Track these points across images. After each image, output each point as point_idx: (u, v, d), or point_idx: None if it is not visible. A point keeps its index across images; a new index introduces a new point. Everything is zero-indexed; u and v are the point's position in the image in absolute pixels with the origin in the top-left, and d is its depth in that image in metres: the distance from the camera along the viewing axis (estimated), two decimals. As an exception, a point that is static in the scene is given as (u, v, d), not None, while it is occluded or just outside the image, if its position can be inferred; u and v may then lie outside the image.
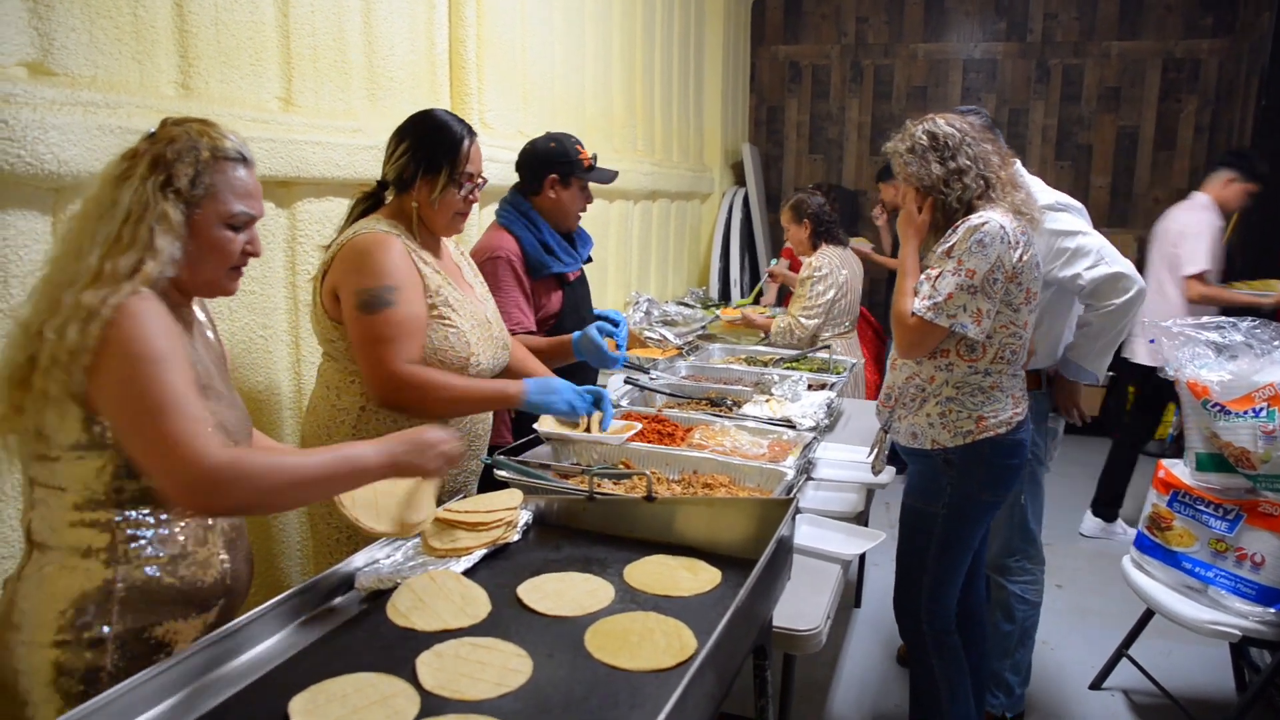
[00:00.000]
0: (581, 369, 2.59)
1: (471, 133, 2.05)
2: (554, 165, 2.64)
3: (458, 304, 2.04)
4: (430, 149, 1.99)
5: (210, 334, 1.59)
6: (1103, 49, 6.49)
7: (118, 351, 1.27)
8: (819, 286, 4.05)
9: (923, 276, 2.22)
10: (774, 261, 5.40)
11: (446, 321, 2.00)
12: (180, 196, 1.36)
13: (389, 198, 2.08)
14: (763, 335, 4.32)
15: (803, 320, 4.04)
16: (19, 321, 1.33)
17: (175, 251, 1.35)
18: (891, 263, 5.00)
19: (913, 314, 2.19)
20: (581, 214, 2.74)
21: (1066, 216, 2.62)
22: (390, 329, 1.89)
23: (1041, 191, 2.62)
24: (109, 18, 1.82)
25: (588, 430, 2.24)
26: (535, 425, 2.30)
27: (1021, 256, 2.17)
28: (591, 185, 2.75)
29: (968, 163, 2.21)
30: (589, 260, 2.94)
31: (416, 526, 1.60)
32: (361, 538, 1.98)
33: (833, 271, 4.07)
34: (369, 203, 2.09)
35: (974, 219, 2.16)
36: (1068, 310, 2.72)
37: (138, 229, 1.32)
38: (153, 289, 1.33)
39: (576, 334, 2.52)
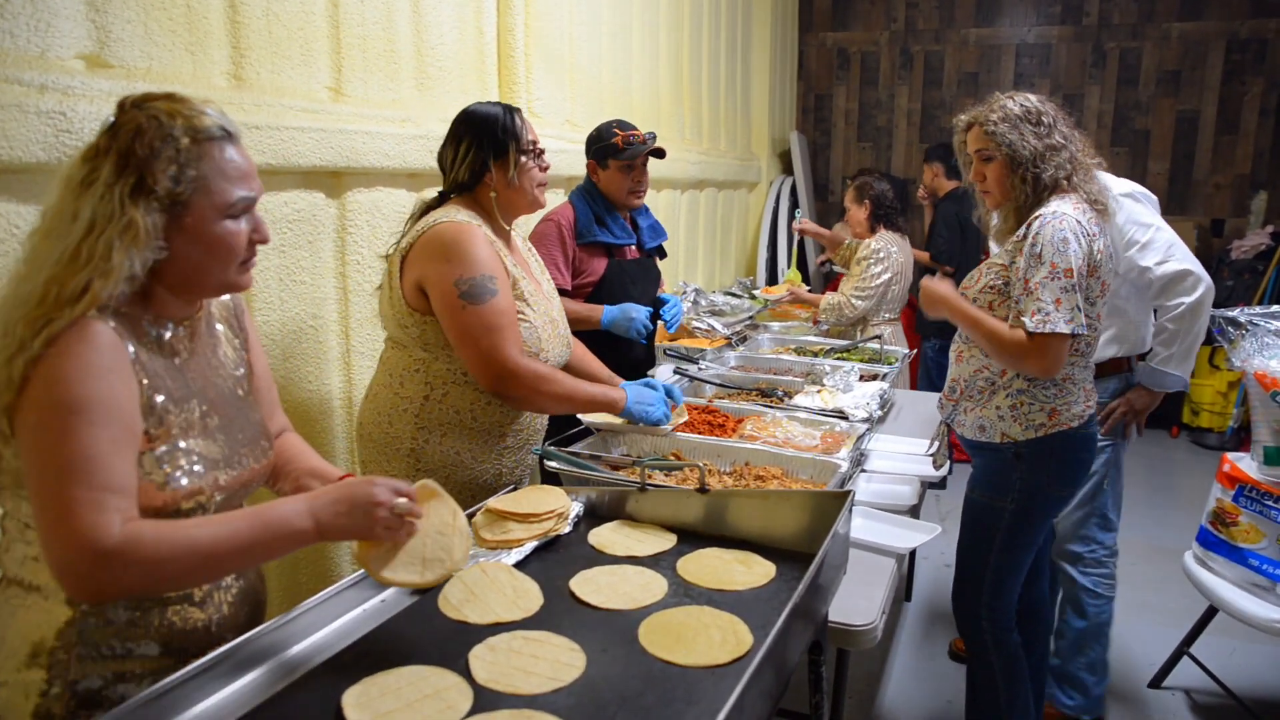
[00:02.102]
0: (607, 339, 2.68)
1: (513, 108, 2.07)
2: (589, 151, 2.83)
3: (531, 298, 2.05)
4: (491, 135, 2.01)
5: (227, 348, 1.41)
6: (1162, 31, 6.30)
7: (37, 394, 1.10)
8: (876, 268, 4.04)
9: (1024, 292, 2.07)
10: (798, 215, 5.31)
11: (522, 315, 2.00)
12: (159, 200, 1.16)
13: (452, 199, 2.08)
14: (811, 313, 4.29)
15: (854, 300, 4.03)
16: None
17: (134, 266, 1.15)
18: (919, 254, 4.93)
19: (1037, 333, 2.04)
20: (634, 192, 2.83)
21: (1140, 207, 2.59)
22: (499, 318, 1.90)
23: (1114, 181, 2.56)
24: (163, 9, 1.83)
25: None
26: (582, 416, 2.29)
27: (1099, 248, 2.10)
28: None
29: (1062, 141, 2.13)
30: (661, 254, 3.06)
31: (442, 575, 1.35)
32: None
33: (890, 255, 4.07)
34: (432, 208, 2.08)
35: (1046, 215, 2.07)
36: (1149, 298, 2.68)
37: (96, 244, 1.13)
38: (102, 312, 1.15)
39: (611, 307, 2.66)
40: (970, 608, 2.33)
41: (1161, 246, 2.54)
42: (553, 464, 2.00)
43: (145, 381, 1.20)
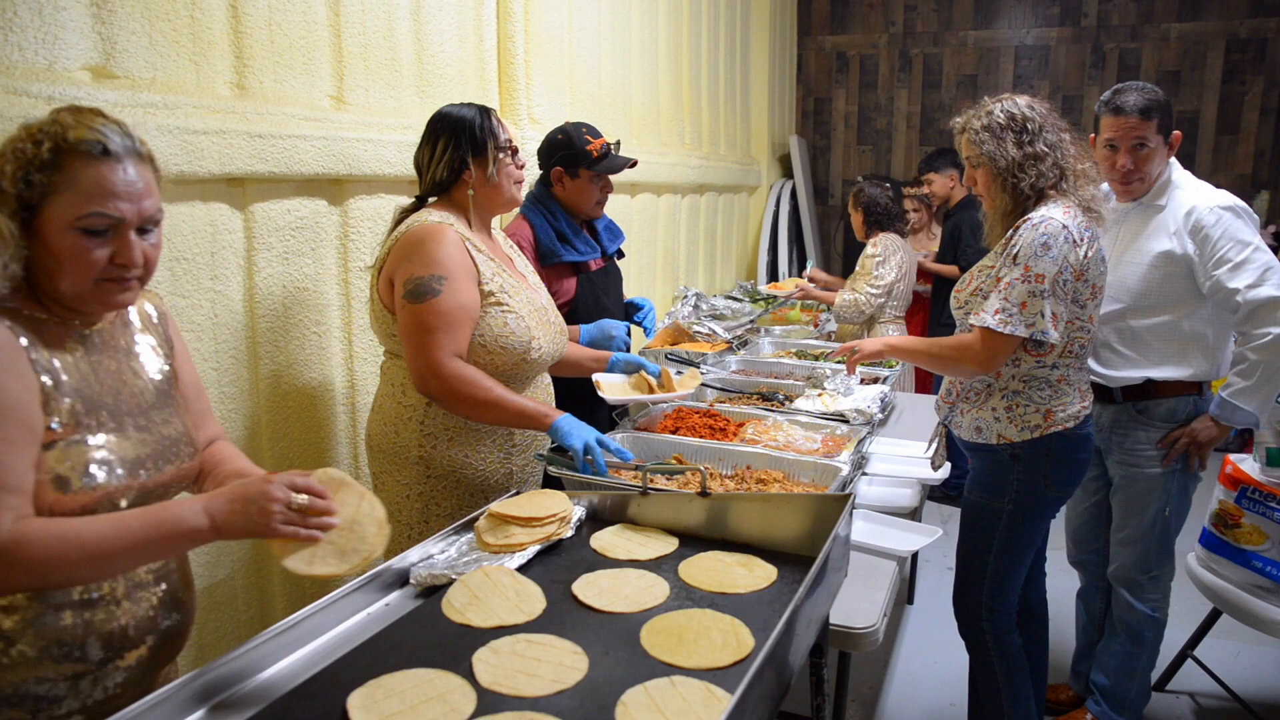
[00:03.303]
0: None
1: (487, 108, 2.08)
2: (557, 157, 2.62)
3: (514, 290, 2.06)
4: (469, 134, 2.02)
5: (149, 354, 1.40)
6: (1161, 31, 6.31)
7: None
8: (883, 268, 4.21)
9: (994, 289, 2.12)
10: (810, 264, 5.36)
11: (505, 307, 2.01)
12: (6, 199, 1.18)
13: (432, 203, 2.09)
14: (812, 316, 4.35)
15: (870, 296, 4.17)
16: None
17: (11, 266, 1.18)
18: (945, 269, 4.85)
19: (984, 327, 2.09)
20: (600, 204, 2.70)
21: (1239, 223, 2.38)
22: (435, 318, 1.89)
23: (1211, 193, 2.45)
24: (167, 20, 1.84)
25: (652, 391, 2.27)
26: (603, 394, 2.27)
27: (1086, 253, 2.11)
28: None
29: (1045, 149, 2.14)
30: (620, 255, 2.94)
31: (360, 564, 1.31)
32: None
33: (893, 255, 4.24)
34: (409, 214, 2.09)
35: (1034, 218, 2.09)
36: (1233, 323, 2.46)
37: None
38: None
39: (588, 326, 2.54)
40: (971, 609, 2.34)
41: (1256, 268, 2.31)
42: (554, 469, 2.01)
43: (46, 379, 1.20)
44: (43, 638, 1.21)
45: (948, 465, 2.50)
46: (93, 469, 1.22)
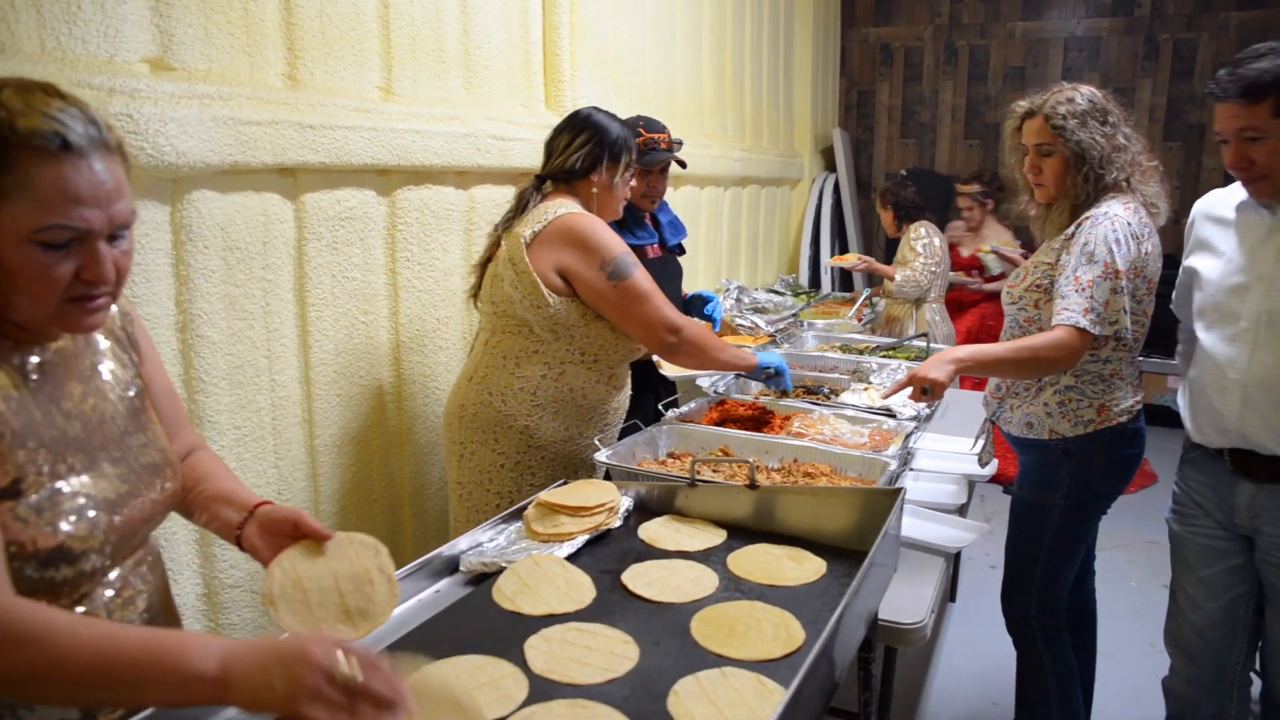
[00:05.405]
0: None
1: (630, 130, 2.25)
2: None
3: None
4: (610, 139, 2.17)
5: (115, 366, 1.19)
6: (1220, 20, 6.15)
7: None
8: (930, 247, 4.46)
9: (1073, 288, 2.02)
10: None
11: None
12: None
13: (548, 188, 2.22)
14: (857, 310, 4.50)
15: (926, 266, 4.42)
16: None
17: None
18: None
19: (1077, 327, 1.99)
20: (648, 197, 2.75)
21: None
22: (647, 285, 2.08)
23: None
24: (222, 13, 1.87)
25: None
26: (664, 371, 2.70)
27: (1146, 250, 2.08)
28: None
29: (1124, 141, 2.10)
30: (681, 251, 2.98)
31: (366, 631, 1.18)
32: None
33: (934, 235, 4.49)
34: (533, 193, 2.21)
35: (1097, 215, 2.05)
36: None
37: None
38: None
39: None
40: (1020, 606, 2.31)
41: None
42: (602, 458, 2.02)
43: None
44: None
45: (995, 462, 2.46)
46: (66, 514, 1.02)
